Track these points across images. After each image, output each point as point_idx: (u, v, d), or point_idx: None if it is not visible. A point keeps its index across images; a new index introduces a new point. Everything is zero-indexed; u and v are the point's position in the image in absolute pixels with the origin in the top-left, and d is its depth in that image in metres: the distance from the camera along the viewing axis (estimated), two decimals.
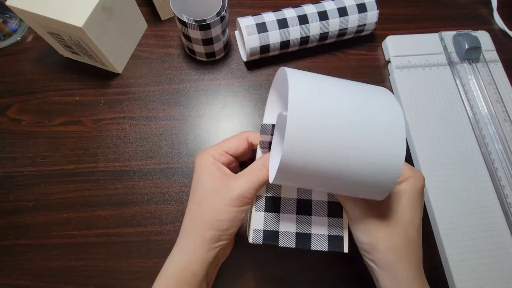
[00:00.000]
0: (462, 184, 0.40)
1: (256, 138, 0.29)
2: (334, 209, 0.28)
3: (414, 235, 0.27)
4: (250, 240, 0.27)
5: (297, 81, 0.22)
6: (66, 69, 0.45)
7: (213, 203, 0.26)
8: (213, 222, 0.26)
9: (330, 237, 0.28)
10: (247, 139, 0.29)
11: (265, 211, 0.28)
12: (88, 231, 0.38)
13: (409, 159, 0.43)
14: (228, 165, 0.29)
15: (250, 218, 0.28)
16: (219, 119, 0.44)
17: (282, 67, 0.24)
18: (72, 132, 0.42)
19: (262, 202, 0.28)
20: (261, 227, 0.27)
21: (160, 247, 0.38)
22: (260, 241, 0.27)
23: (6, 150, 0.41)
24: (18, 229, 0.38)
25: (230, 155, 0.29)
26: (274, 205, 0.28)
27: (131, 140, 0.42)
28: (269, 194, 0.28)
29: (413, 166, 0.42)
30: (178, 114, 0.44)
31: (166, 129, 0.43)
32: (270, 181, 0.25)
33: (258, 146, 0.29)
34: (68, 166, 0.41)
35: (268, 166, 0.26)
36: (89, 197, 0.39)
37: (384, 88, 0.25)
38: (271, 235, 0.27)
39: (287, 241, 0.27)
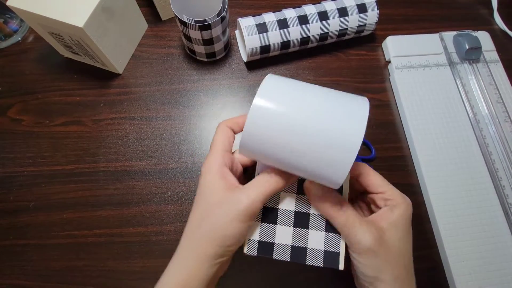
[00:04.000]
0: (463, 184, 0.40)
1: None
2: (332, 225, 0.27)
3: (410, 265, 0.26)
4: (245, 251, 0.27)
5: (270, 79, 0.24)
6: (66, 70, 0.45)
7: (218, 217, 0.25)
8: (217, 238, 0.25)
9: (326, 253, 0.27)
10: None
11: (262, 221, 0.27)
12: (88, 231, 0.38)
13: (409, 159, 0.43)
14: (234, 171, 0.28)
15: None
16: (219, 119, 0.44)
17: (269, 74, 0.26)
18: (73, 132, 0.42)
19: (259, 212, 0.27)
20: (256, 237, 0.27)
21: (161, 247, 0.38)
22: (255, 253, 0.27)
23: (6, 150, 0.41)
24: (19, 229, 0.38)
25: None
26: (271, 216, 0.28)
27: (131, 140, 0.42)
28: (267, 204, 0.28)
29: (414, 166, 0.43)
30: (178, 114, 0.44)
31: (167, 129, 0.43)
32: (238, 152, 0.26)
33: None
34: (68, 166, 0.41)
35: (275, 177, 0.26)
36: (90, 197, 0.39)
37: (363, 107, 0.24)
38: (266, 247, 0.27)
39: (281, 254, 0.27)
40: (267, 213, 0.28)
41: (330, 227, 0.27)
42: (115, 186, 0.40)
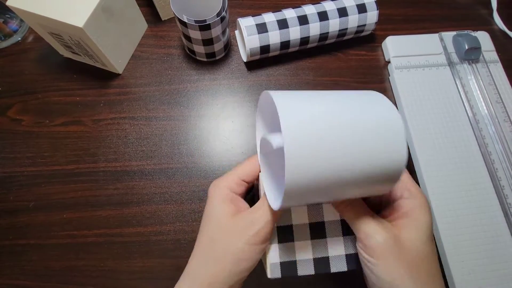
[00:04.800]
0: (462, 184, 0.40)
1: None
2: (348, 227, 0.27)
3: (436, 271, 0.24)
4: (269, 276, 0.26)
5: (284, 102, 0.20)
6: (66, 70, 0.45)
7: (230, 241, 0.24)
8: (230, 262, 0.23)
9: (347, 256, 0.27)
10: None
11: (279, 242, 0.27)
12: (88, 231, 0.38)
13: (409, 159, 0.43)
14: (243, 194, 0.28)
15: (265, 252, 0.27)
16: (219, 119, 0.44)
17: (266, 91, 0.23)
18: (73, 132, 0.42)
19: (274, 234, 0.27)
20: (277, 260, 0.27)
21: (160, 247, 0.38)
22: (279, 275, 0.26)
23: (6, 150, 0.41)
24: (19, 229, 0.38)
25: (247, 182, 0.27)
26: (287, 235, 0.27)
27: (131, 140, 0.42)
28: (280, 224, 0.27)
29: (413, 166, 0.43)
30: (178, 114, 0.44)
31: (166, 129, 0.43)
32: (275, 208, 0.23)
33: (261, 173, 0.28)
34: (68, 166, 0.41)
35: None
36: (90, 197, 0.39)
37: (375, 92, 0.24)
38: (289, 266, 0.26)
39: (305, 269, 0.26)
40: (282, 232, 0.27)
41: (347, 230, 0.27)
42: (115, 186, 0.40)
